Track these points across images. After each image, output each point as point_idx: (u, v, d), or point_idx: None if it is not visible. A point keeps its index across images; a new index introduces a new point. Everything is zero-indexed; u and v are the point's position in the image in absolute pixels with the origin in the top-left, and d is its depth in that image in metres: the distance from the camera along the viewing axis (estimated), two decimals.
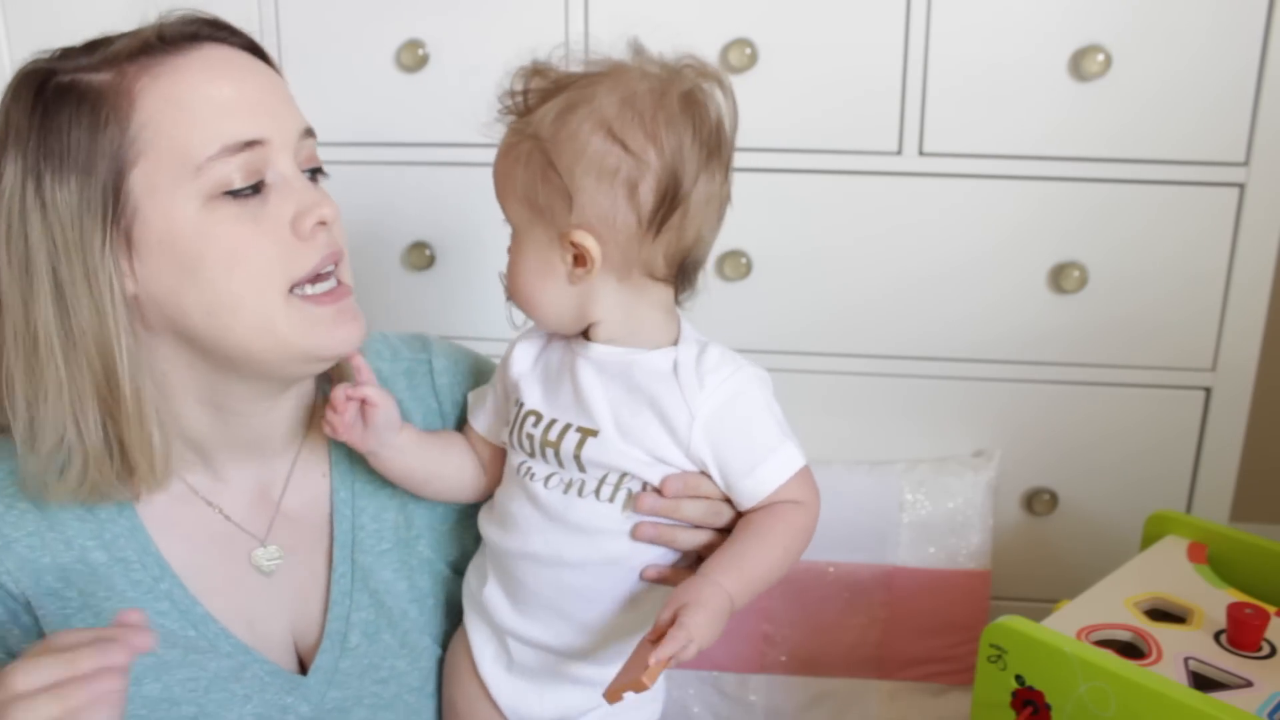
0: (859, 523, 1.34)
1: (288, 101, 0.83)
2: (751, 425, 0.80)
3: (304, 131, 0.82)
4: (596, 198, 0.76)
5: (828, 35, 1.27)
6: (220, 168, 0.76)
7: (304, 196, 0.79)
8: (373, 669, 0.90)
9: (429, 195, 1.40)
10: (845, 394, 1.38)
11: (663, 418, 0.79)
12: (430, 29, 1.34)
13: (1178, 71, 1.22)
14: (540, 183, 0.77)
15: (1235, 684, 0.87)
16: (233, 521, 0.88)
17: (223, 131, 0.76)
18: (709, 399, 0.78)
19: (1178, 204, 1.26)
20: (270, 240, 0.78)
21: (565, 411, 0.82)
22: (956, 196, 1.30)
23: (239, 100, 0.78)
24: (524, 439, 0.83)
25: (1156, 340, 1.30)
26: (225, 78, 0.78)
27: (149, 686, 0.83)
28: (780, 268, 1.35)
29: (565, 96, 0.76)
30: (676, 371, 0.79)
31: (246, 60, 0.82)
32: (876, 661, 1.35)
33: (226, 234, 0.76)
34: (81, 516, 0.84)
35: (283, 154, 0.79)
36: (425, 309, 1.44)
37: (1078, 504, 1.37)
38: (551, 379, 0.84)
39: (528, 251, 0.80)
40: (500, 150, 0.80)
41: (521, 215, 0.80)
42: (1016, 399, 1.35)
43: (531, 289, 0.81)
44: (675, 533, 0.81)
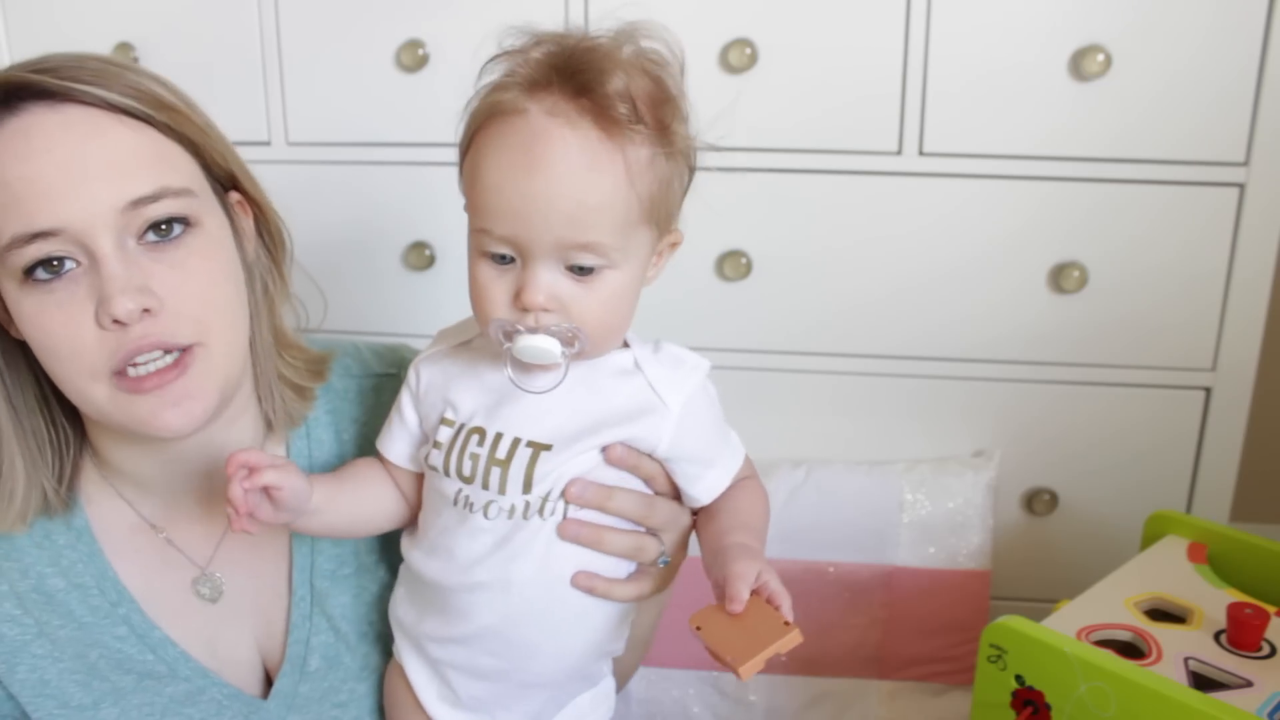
0: (859, 523, 1.34)
1: (113, 169, 0.72)
2: (713, 418, 0.81)
3: (133, 202, 0.72)
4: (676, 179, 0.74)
5: (828, 35, 1.27)
6: (15, 258, 0.71)
7: (105, 287, 0.71)
8: (332, 692, 0.89)
9: (429, 195, 1.40)
10: (845, 394, 1.38)
11: (630, 417, 0.76)
12: (430, 29, 1.34)
13: (1178, 71, 1.22)
14: (664, 190, 0.73)
15: (1235, 684, 0.87)
16: (175, 547, 0.87)
17: (11, 222, 0.70)
18: (679, 393, 0.77)
19: (1178, 204, 1.26)
20: (76, 329, 0.72)
21: (514, 425, 0.77)
22: (956, 197, 1.30)
23: (31, 185, 0.70)
24: (465, 461, 0.77)
25: (1156, 340, 1.30)
26: (21, 157, 0.70)
27: (106, 711, 0.82)
28: (780, 268, 1.35)
29: (671, 103, 0.72)
30: (641, 369, 0.77)
31: (65, 123, 0.71)
32: (876, 661, 1.35)
33: (37, 319, 0.73)
34: (39, 543, 0.83)
35: (94, 234, 0.71)
36: (425, 309, 1.43)
37: (1078, 504, 1.37)
38: (494, 392, 0.78)
39: (630, 274, 0.74)
40: (586, 172, 0.69)
41: (621, 237, 0.72)
42: (1016, 399, 1.35)
43: (627, 314, 0.75)
44: (602, 533, 0.78)
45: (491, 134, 0.72)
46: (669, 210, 0.75)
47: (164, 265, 0.74)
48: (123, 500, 0.86)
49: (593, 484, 0.77)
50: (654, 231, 0.75)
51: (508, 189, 0.70)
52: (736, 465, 0.82)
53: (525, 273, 0.71)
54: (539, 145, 0.69)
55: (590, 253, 0.71)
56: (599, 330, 0.73)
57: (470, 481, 0.77)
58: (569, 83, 0.70)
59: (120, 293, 0.71)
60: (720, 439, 0.81)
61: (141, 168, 0.73)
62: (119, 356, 0.73)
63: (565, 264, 0.71)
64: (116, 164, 0.72)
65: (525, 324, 0.72)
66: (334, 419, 0.93)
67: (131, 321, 0.72)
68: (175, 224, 0.75)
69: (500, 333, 0.73)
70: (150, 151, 0.75)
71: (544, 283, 0.71)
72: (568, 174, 0.69)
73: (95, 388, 0.74)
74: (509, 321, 0.72)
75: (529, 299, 0.71)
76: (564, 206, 0.69)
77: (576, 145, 0.69)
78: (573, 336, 0.72)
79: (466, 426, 0.78)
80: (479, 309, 0.75)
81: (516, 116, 0.71)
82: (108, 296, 0.71)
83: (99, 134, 0.72)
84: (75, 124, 0.72)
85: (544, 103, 0.70)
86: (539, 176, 0.69)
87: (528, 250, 0.71)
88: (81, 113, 0.72)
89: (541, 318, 0.72)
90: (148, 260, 0.74)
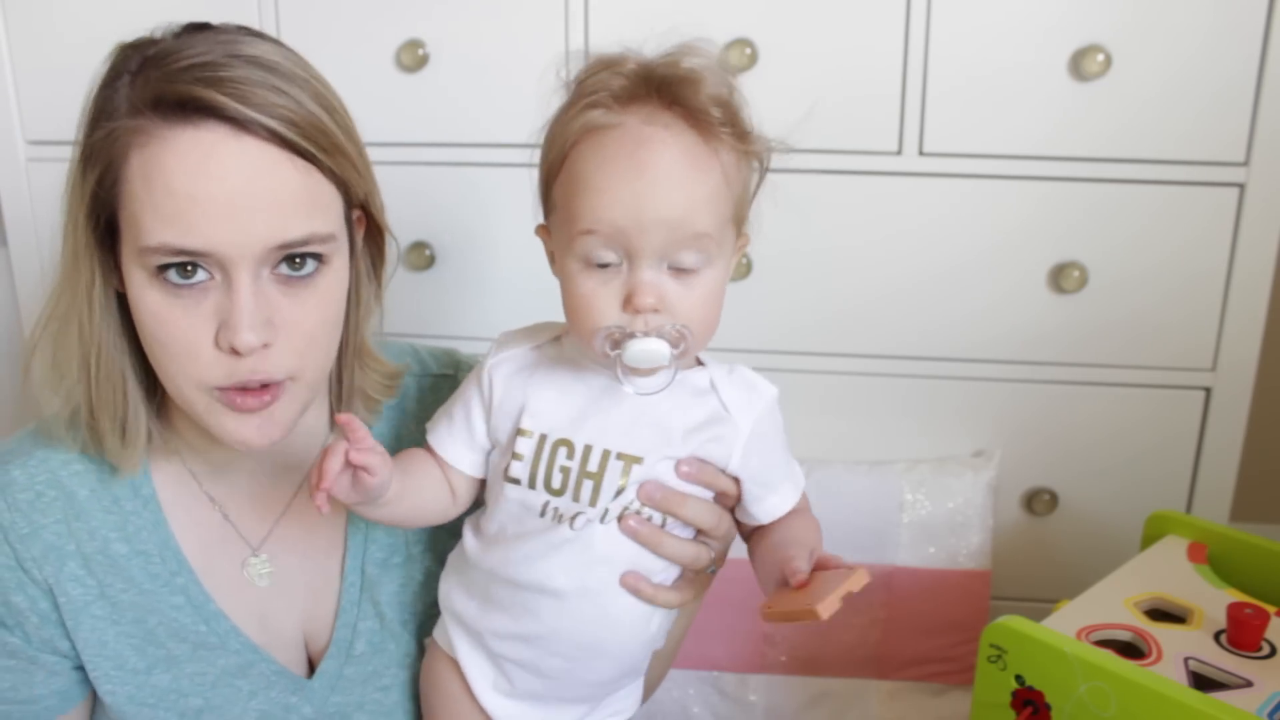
0: (859, 523, 1.34)
1: (275, 208, 0.74)
2: (780, 441, 0.83)
3: (282, 245, 0.75)
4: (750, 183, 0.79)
5: (828, 35, 1.27)
6: (154, 258, 0.74)
7: (234, 316, 0.74)
8: (375, 676, 0.91)
9: (429, 195, 1.40)
10: (845, 394, 1.38)
11: (709, 435, 0.79)
12: (430, 29, 1.34)
13: (1178, 71, 1.22)
14: (742, 181, 0.77)
15: (1235, 684, 0.87)
16: (231, 523, 0.89)
17: (165, 231, 0.73)
18: (750, 414, 0.80)
19: (1178, 204, 1.26)
20: (195, 338, 0.75)
21: (604, 437, 0.78)
22: (956, 196, 1.30)
23: (194, 203, 0.72)
24: (555, 474, 0.79)
25: (1156, 340, 1.30)
26: (194, 175, 0.72)
27: (159, 677, 0.86)
28: (780, 268, 1.35)
29: (745, 109, 0.77)
30: (716, 389, 0.80)
31: (242, 152, 0.73)
32: (876, 661, 1.35)
33: (158, 314, 0.76)
34: (107, 508, 0.85)
35: (239, 263, 0.74)
36: (425, 309, 1.43)
37: (1078, 504, 1.37)
38: (575, 401, 0.80)
39: (723, 271, 0.78)
40: (690, 171, 0.73)
41: (720, 233, 0.76)
42: (1016, 399, 1.35)
43: (720, 312, 0.78)
44: (662, 535, 0.80)
45: (590, 147, 0.74)
46: (746, 210, 0.80)
47: (289, 300, 0.77)
48: (187, 471, 0.88)
49: (667, 487, 0.79)
50: (736, 233, 0.79)
51: (618, 189, 0.72)
52: (798, 493, 0.85)
53: (634, 275, 0.73)
54: (643, 150, 0.73)
55: (697, 247, 0.74)
56: (702, 328, 0.76)
57: (560, 494, 0.79)
58: (660, 94, 0.74)
59: (248, 328, 0.74)
60: (784, 465, 0.84)
61: (299, 211, 0.76)
62: (226, 379, 0.76)
63: (669, 263, 0.74)
64: (278, 205, 0.74)
65: (637, 327, 0.73)
66: (394, 415, 0.95)
67: (249, 353, 0.75)
68: (309, 260, 0.78)
69: (609, 341, 0.74)
70: (309, 195, 0.77)
71: (653, 282, 0.73)
72: (675, 172, 0.73)
73: (196, 394, 0.77)
74: (619, 328, 0.74)
75: (640, 301, 0.73)
76: (676, 200, 0.72)
77: (679, 147, 0.73)
78: (679, 337, 0.74)
79: (550, 438, 0.79)
80: (583, 320, 0.75)
81: (614, 129, 0.74)
82: (235, 327, 0.74)
83: (270, 173, 0.74)
84: (252, 158, 0.73)
85: (639, 114, 0.74)
86: (647, 175, 0.72)
87: (636, 250, 0.73)
88: (259, 147, 0.74)
89: (651, 320, 0.73)
90: (276, 292, 0.77)
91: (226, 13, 1.40)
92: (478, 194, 1.38)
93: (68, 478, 0.85)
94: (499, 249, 1.39)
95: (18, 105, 1.44)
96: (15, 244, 1.49)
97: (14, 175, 1.46)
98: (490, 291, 1.41)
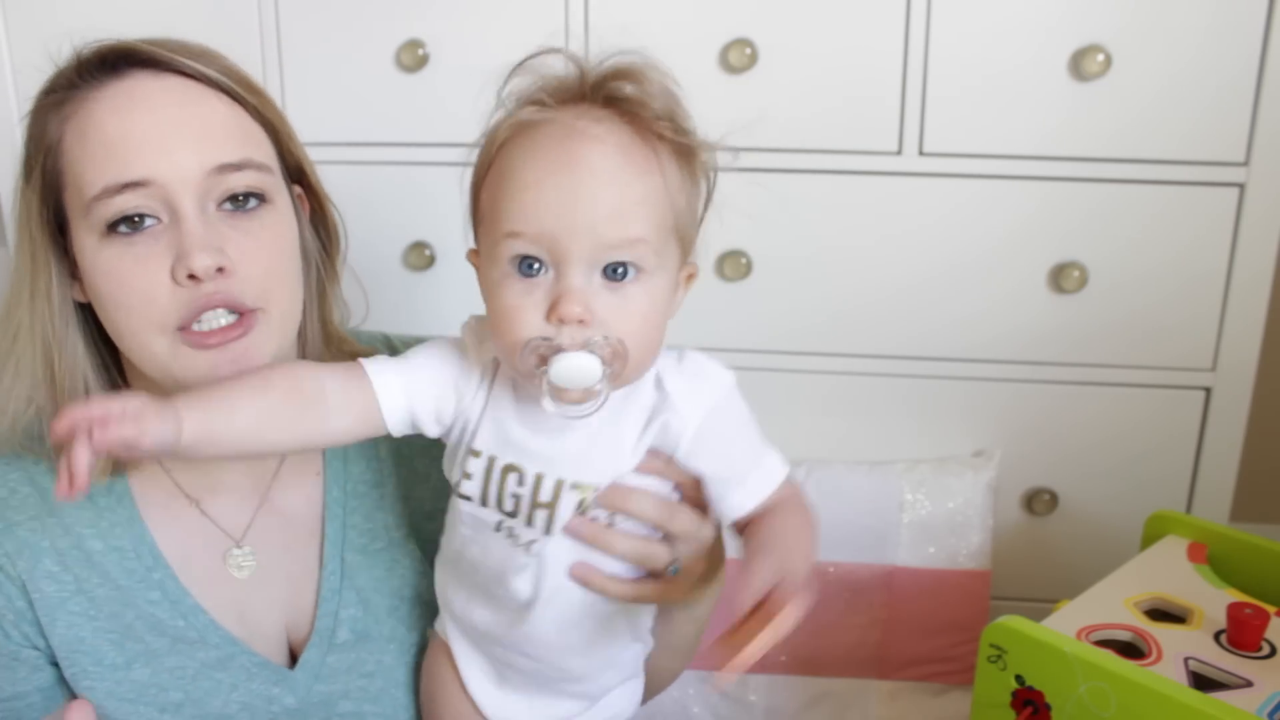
0: (859, 523, 1.34)
1: (205, 134, 0.78)
2: (740, 432, 0.76)
3: (219, 167, 0.77)
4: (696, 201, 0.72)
5: (828, 35, 1.27)
6: (102, 208, 0.76)
7: (184, 242, 0.75)
8: (359, 664, 0.91)
9: (429, 195, 1.40)
10: (845, 394, 1.38)
11: (655, 425, 0.73)
12: (430, 29, 1.34)
13: (1178, 71, 1.22)
14: (685, 194, 0.70)
15: (1235, 684, 0.87)
16: (209, 518, 0.89)
17: (105, 172, 0.75)
18: (698, 404, 0.73)
19: (1178, 204, 1.26)
20: (151, 281, 0.76)
21: (555, 466, 0.73)
22: (956, 196, 1.30)
23: (128, 139, 0.76)
24: (507, 499, 0.74)
25: (1156, 340, 1.30)
26: (123, 113, 0.76)
27: (138, 672, 0.85)
28: (780, 268, 1.35)
29: (689, 122, 0.70)
30: (662, 384, 0.73)
31: (166, 88, 0.78)
32: (876, 661, 1.35)
33: (113, 271, 0.77)
34: (82, 505, 0.85)
35: (180, 192, 0.76)
36: (425, 309, 1.43)
37: (1078, 504, 1.37)
38: (519, 423, 0.74)
39: (663, 287, 0.70)
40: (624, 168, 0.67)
41: (659, 242, 0.69)
42: (1016, 399, 1.35)
43: (662, 331, 0.71)
44: (609, 534, 0.75)
45: (518, 144, 0.69)
46: (692, 231, 0.73)
47: (238, 232, 0.79)
48: (161, 468, 0.88)
49: (589, 526, 0.74)
50: (679, 251, 0.72)
51: (545, 185, 0.67)
52: (769, 486, 0.75)
53: (560, 281, 0.67)
54: (574, 143, 0.67)
55: (632, 254, 0.67)
56: (638, 344, 0.68)
57: (514, 516, 0.75)
58: (597, 93, 0.69)
59: (200, 249, 0.75)
60: (749, 457, 0.75)
61: (230, 139, 0.79)
62: (188, 310, 0.76)
63: (601, 268, 0.67)
64: (209, 131, 0.78)
65: (563, 340, 0.66)
66: None
67: (206, 278, 0.76)
68: (251, 198, 0.80)
69: (534, 356, 0.67)
70: (239, 126, 0.81)
71: (581, 290, 0.67)
72: (608, 168, 0.67)
73: (159, 340, 0.78)
74: (544, 341, 0.67)
75: (566, 309, 0.66)
76: (607, 198, 0.66)
77: (613, 143, 0.67)
78: (615, 353, 0.67)
79: (499, 461, 0.74)
80: (506, 333, 0.69)
81: (545, 125, 0.68)
82: (187, 251, 0.75)
83: (196, 102, 0.79)
84: (175, 90, 0.78)
85: (573, 111, 0.68)
86: (578, 171, 0.66)
87: (564, 252, 0.66)
88: (181, 82, 0.79)
89: (579, 333, 0.66)
90: (224, 226, 0.78)
91: (226, 13, 1.40)
92: None
93: (40, 474, 0.85)
94: None
95: (17, 105, 1.43)
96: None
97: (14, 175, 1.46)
98: None
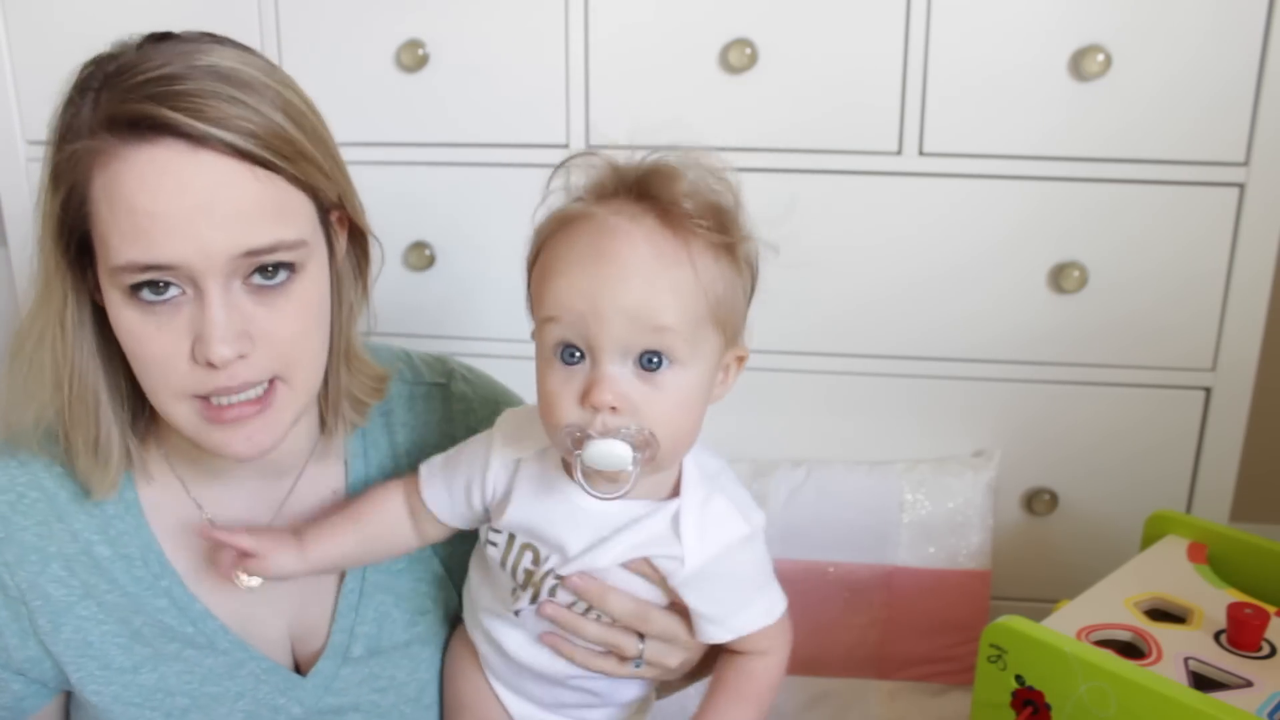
0: (859, 523, 1.34)
1: (236, 218, 0.74)
2: (738, 580, 0.80)
3: (247, 252, 0.74)
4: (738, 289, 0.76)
5: (828, 35, 1.27)
6: (124, 277, 0.74)
7: (206, 329, 0.74)
8: (372, 679, 0.91)
9: (429, 195, 1.40)
10: (845, 394, 1.38)
11: (658, 552, 0.77)
12: (430, 29, 1.34)
13: (1178, 71, 1.22)
14: (724, 282, 0.73)
15: (1235, 684, 0.87)
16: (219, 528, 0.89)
17: (131, 249, 0.73)
18: (703, 554, 0.76)
19: (1178, 204, 1.26)
20: (171, 352, 0.75)
21: (556, 555, 0.78)
22: (956, 196, 1.30)
23: (154, 219, 0.72)
24: (521, 571, 0.80)
25: (1156, 340, 1.30)
26: (152, 191, 0.72)
27: (146, 676, 0.85)
28: (780, 268, 1.35)
29: (731, 211, 0.75)
30: (678, 523, 0.76)
31: (199, 165, 0.73)
32: (876, 661, 1.35)
33: (134, 331, 0.76)
34: (89, 511, 0.85)
35: (206, 275, 0.74)
36: (425, 309, 1.43)
37: (1078, 504, 1.37)
38: (547, 507, 0.79)
39: (699, 377, 0.73)
40: (652, 261, 0.71)
41: (690, 332, 0.72)
42: (1016, 399, 1.35)
43: (696, 422, 0.74)
44: (578, 621, 0.80)
45: (560, 237, 0.74)
46: (735, 319, 0.76)
47: (264, 308, 0.76)
48: (174, 477, 0.88)
49: (590, 577, 0.78)
50: (721, 338, 0.74)
51: (577, 275, 0.71)
52: (745, 630, 0.80)
53: (594, 370, 0.71)
54: (606, 238, 0.71)
55: (661, 343, 0.70)
56: (670, 434, 0.72)
57: (524, 588, 0.80)
58: (633, 189, 0.73)
59: (220, 340, 0.74)
60: (735, 603, 0.80)
61: (263, 220, 0.75)
62: (208, 389, 0.76)
63: (635, 358, 0.71)
64: (241, 215, 0.74)
65: (595, 428, 0.70)
66: (387, 421, 0.95)
67: (224, 367, 0.75)
68: (281, 269, 0.77)
69: (569, 440, 0.71)
70: (273, 204, 0.76)
71: (613, 379, 0.70)
72: (637, 261, 0.70)
73: (179, 406, 0.77)
74: (579, 426, 0.71)
75: (598, 397, 0.70)
76: (635, 288, 0.70)
77: (643, 237, 0.71)
78: (645, 441, 0.70)
79: (518, 540, 0.79)
80: (548, 415, 0.73)
81: (584, 219, 0.73)
82: (207, 340, 0.74)
83: (229, 184, 0.74)
84: (207, 169, 0.73)
85: (610, 206, 0.73)
86: (608, 264, 0.70)
87: (596, 340, 0.70)
88: (214, 159, 0.73)
89: (610, 420, 0.70)
90: (249, 303, 0.76)
91: (227, 12, 1.40)
92: (478, 194, 1.38)
93: (49, 480, 0.85)
94: (499, 249, 1.39)
95: (17, 105, 1.44)
96: (15, 244, 1.49)
97: (14, 175, 1.46)
98: (489, 292, 1.41)
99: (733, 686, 0.82)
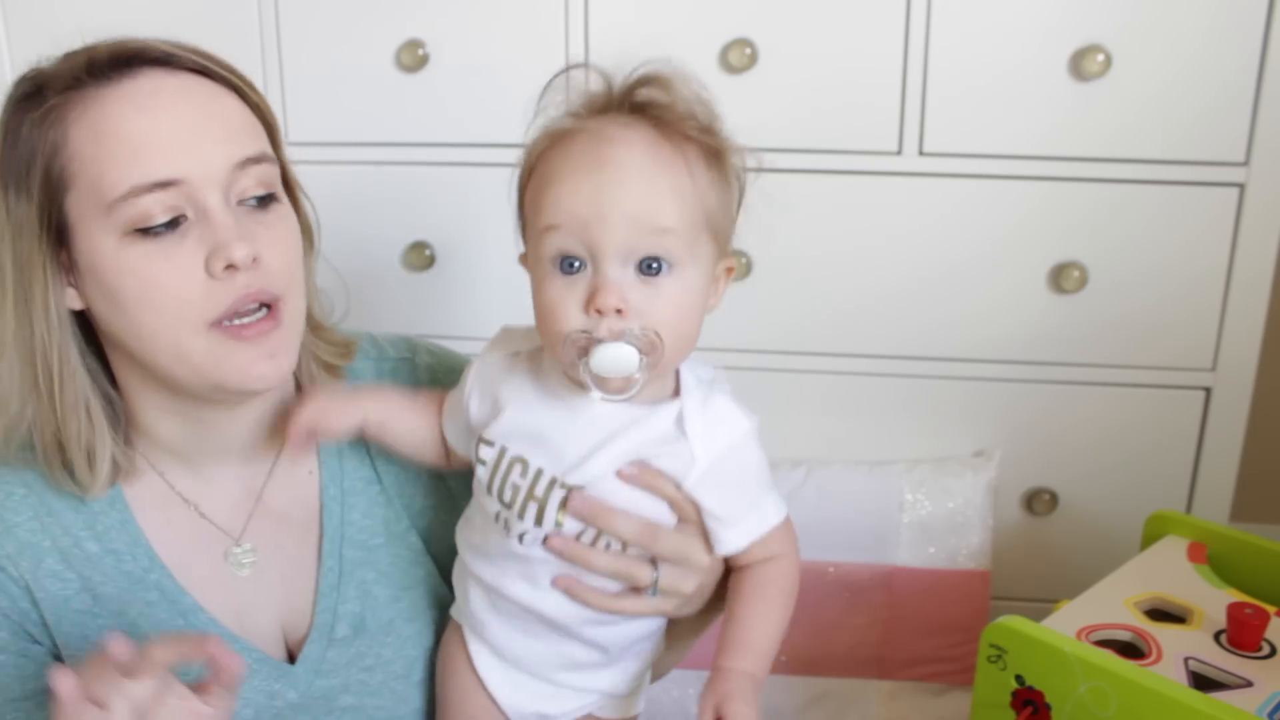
0: (859, 523, 1.34)
1: (225, 130, 0.79)
2: (745, 478, 0.80)
3: (241, 162, 0.79)
4: (728, 200, 0.76)
5: (828, 35, 1.27)
6: (128, 208, 0.75)
7: (220, 235, 0.77)
8: (359, 658, 0.91)
9: (429, 195, 1.40)
10: (845, 394, 1.38)
11: (664, 452, 0.77)
12: (430, 29, 1.34)
13: (1178, 71, 1.22)
14: (716, 191, 0.74)
15: (1235, 684, 0.87)
16: (208, 519, 0.90)
17: (132, 172, 0.75)
18: (711, 447, 0.77)
19: (1178, 204, 1.26)
20: (184, 278, 0.77)
21: (553, 463, 0.77)
22: (956, 196, 1.30)
23: (153, 137, 0.76)
24: (508, 488, 0.78)
25: (1156, 340, 1.30)
26: (145, 111, 0.76)
27: None
28: (780, 268, 1.35)
29: (719, 125, 0.76)
30: (682, 423, 0.76)
31: (183, 86, 0.79)
32: (876, 661, 1.35)
33: (140, 270, 0.77)
34: (75, 507, 0.86)
35: (207, 189, 0.77)
36: (425, 309, 1.44)
37: (1078, 504, 1.37)
38: (538, 417, 0.78)
39: (697, 280, 0.74)
40: (651, 165, 0.72)
41: (689, 235, 0.73)
42: (1016, 399, 1.35)
43: (696, 325, 0.75)
44: (588, 552, 0.78)
45: (557, 149, 0.74)
46: (727, 228, 0.77)
47: (261, 226, 0.80)
48: (155, 472, 0.89)
49: (595, 500, 0.77)
50: (714, 247, 0.75)
51: (580, 181, 0.72)
52: (760, 530, 0.80)
53: (597, 275, 0.71)
54: (604, 147, 0.72)
55: (662, 246, 0.71)
56: (674, 335, 0.73)
57: (510, 508, 0.79)
58: (625, 102, 0.74)
59: (237, 239, 0.77)
60: (747, 502, 0.80)
61: (247, 133, 0.81)
62: (224, 304, 0.78)
63: (636, 263, 0.71)
64: (229, 127, 0.80)
65: (601, 332, 0.70)
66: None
67: (244, 267, 0.77)
68: (267, 199, 0.82)
69: (574, 348, 0.71)
70: (250, 122, 0.82)
71: (617, 282, 0.71)
72: (636, 167, 0.72)
73: (195, 341, 0.78)
74: (583, 334, 0.71)
75: (603, 300, 0.70)
76: (636, 192, 0.71)
77: (641, 143, 0.72)
78: (651, 344, 0.71)
79: (509, 453, 0.79)
80: (550, 327, 0.73)
81: (579, 132, 0.74)
82: (224, 243, 0.76)
83: (214, 99, 0.80)
84: (192, 88, 0.79)
85: (603, 119, 0.74)
86: (609, 170, 0.71)
87: (598, 245, 0.71)
88: (196, 80, 0.80)
89: (616, 323, 0.71)
90: (248, 220, 0.80)
91: (227, 12, 1.40)
92: (478, 194, 1.38)
93: (34, 479, 0.86)
94: (499, 249, 1.39)
95: None
96: None
97: None
98: (490, 291, 1.41)
99: (755, 593, 0.80)
